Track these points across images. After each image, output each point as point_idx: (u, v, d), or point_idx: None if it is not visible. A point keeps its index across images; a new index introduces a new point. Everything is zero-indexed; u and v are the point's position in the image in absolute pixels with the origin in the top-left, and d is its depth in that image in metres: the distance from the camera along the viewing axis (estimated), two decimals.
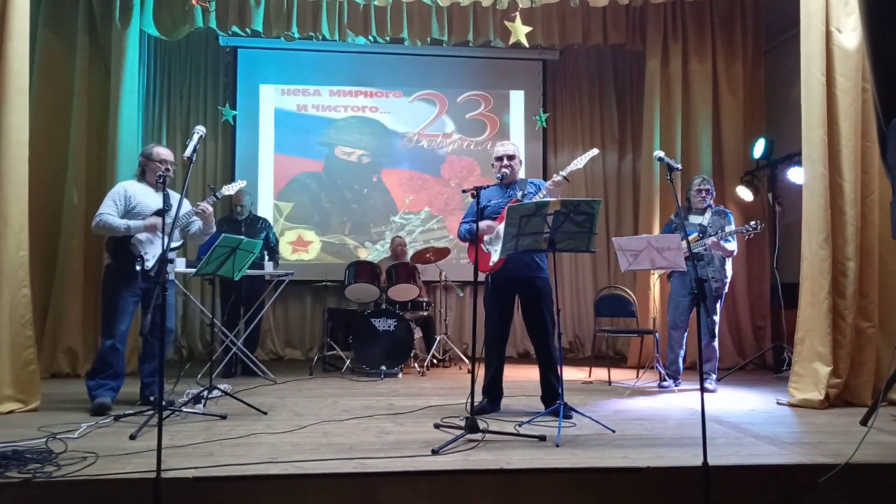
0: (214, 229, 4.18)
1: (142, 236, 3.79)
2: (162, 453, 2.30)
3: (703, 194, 4.81)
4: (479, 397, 3.79)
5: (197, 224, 4.05)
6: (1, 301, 3.70)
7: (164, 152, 3.96)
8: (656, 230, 5.88)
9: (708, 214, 4.79)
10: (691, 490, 2.51)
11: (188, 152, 3.02)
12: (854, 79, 4.12)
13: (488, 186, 3.76)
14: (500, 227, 3.73)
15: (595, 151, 3.92)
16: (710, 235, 4.63)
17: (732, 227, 4.69)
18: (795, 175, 5.48)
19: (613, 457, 2.83)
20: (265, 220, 5.93)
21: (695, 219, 4.81)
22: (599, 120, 7.52)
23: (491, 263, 3.77)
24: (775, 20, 6.26)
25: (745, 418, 3.74)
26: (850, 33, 4.14)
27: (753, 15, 6.29)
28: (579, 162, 3.80)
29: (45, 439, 2.94)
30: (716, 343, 4.78)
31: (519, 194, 3.84)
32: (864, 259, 4.12)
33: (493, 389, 3.91)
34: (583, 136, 7.47)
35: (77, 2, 5.48)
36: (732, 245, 4.69)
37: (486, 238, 3.83)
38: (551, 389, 3.81)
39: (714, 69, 6.22)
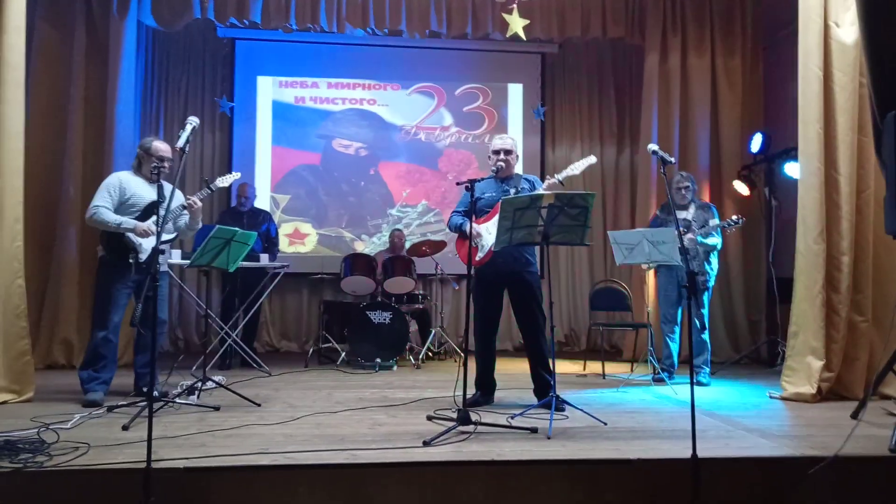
0: (200, 225, 4.17)
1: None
2: (153, 444, 2.31)
3: (683, 191, 4.89)
4: (472, 391, 3.81)
5: (184, 218, 4.03)
6: None
7: (162, 147, 3.95)
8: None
9: (692, 209, 4.86)
10: (681, 482, 2.52)
11: (181, 143, 3.02)
12: (851, 74, 4.10)
13: (483, 179, 3.76)
14: (490, 223, 3.72)
15: (592, 159, 3.92)
16: (694, 230, 4.69)
17: (716, 222, 4.77)
18: (792, 170, 5.47)
19: (604, 449, 2.84)
20: (267, 213, 5.98)
21: (679, 213, 4.87)
22: (598, 114, 7.51)
23: (477, 258, 3.77)
24: (774, 15, 6.23)
25: (737, 411, 3.75)
26: (849, 28, 4.13)
27: (752, 10, 6.27)
28: (575, 168, 3.83)
29: (37, 429, 2.95)
30: (706, 336, 4.80)
31: (512, 191, 3.84)
32: (858, 254, 4.12)
33: (486, 382, 3.92)
34: (581, 131, 7.47)
35: None
36: (715, 239, 4.77)
37: (476, 231, 3.82)
38: (543, 382, 3.82)
39: (713, 64, 6.20)
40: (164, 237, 3.87)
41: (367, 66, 7.23)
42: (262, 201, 6.93)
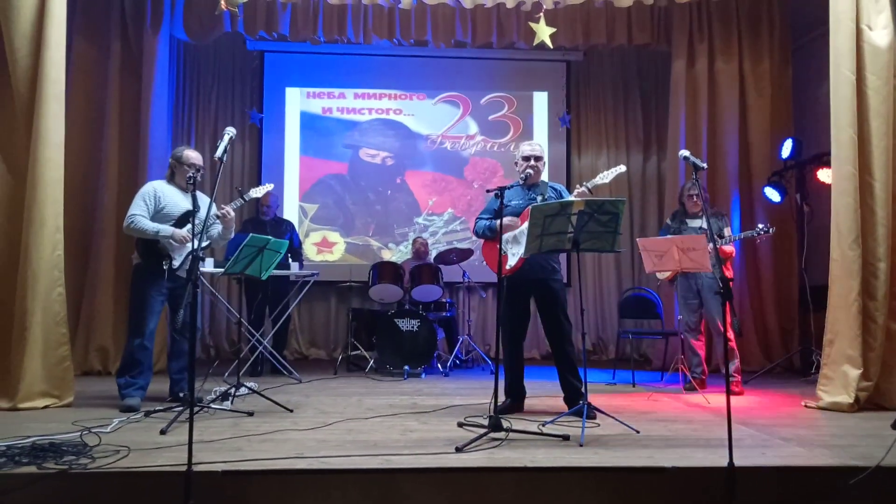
0: (233, 235, 4.24)
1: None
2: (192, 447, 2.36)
3: (695, 199, 4.81)
4: (502, 398, 3.80)
5: (217, 228, 4.10)
6: (36, 299, 3.81)
7: (193, 155, 4.05)
8: (682, 232, 5.82)
9: (705, 218, 4.82)
10: (716, 491, 2.49)
11: (219, 153, 3.08)
12: (885, 77, 4.04)
13: (511, 186, 3.77)
14: (518, 231, 3.73)
15: (622, 168, 3.88)
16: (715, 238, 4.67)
17: (730, 232, 4.78)
18: (824, 175, 5.39)
19: (638, 456, 2.82)
20: (290, 223, 6.05)
21: (693, 222, 4.84)
22: (624, 121, 7.48)
23: (508, 266, 3.76)
24: (803, 18, 6.16)
25: (772, 420, 3.69)
26: (882, 31, 4.07)
27: (780, 13, 6.20)
28: (605, 177, 3.79)
29: (79, 433, 3.02)
30: (732, 343, 4.71)
31: (539, 198, 3.84)
32: (895, 260, 4.04)
33: (515, 389, 3.92)
34: (607, 138, 7.45)
35: (109, 9, 5.62)
36: (731, 248, 4.80)
37: (504, 238, 3.82)
38: (573, 390, 3.81)
39: (740, 69, 6.13)
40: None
41: (392, 77, 7.31)
42: (291, 210, 7.03)
